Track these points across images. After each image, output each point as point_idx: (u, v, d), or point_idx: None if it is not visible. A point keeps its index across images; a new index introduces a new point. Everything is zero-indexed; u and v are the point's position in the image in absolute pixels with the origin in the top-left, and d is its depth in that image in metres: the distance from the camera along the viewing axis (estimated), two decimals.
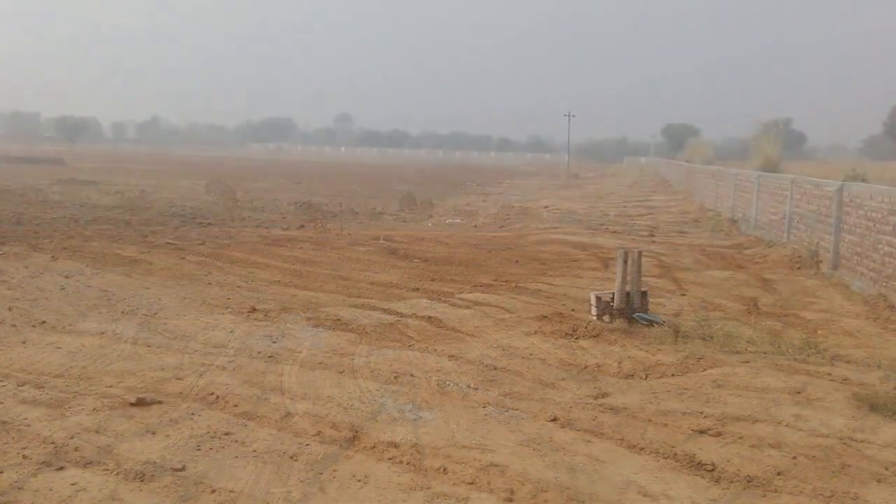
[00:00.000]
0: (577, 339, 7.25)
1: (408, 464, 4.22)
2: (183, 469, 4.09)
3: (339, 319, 7.81)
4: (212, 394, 5.26)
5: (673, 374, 6.18)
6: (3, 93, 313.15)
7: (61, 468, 4.06)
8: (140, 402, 5.00)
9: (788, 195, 14.61)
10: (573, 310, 8.62)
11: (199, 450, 4.36)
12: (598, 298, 7.75)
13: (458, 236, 16.29)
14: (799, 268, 12.26)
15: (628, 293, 7.68)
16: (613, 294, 7.72)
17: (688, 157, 46.83)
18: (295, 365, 6.15)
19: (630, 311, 7.66)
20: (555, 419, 4.93)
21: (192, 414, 4.90)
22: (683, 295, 9.87)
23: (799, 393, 5.55)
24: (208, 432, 4.61)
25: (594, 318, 7.73)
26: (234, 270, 10.82)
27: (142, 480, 3.95)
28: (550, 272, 11.66)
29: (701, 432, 4.74)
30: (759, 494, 3.98)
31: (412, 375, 5.93)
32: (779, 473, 4.19)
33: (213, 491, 3.87)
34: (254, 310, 8.18)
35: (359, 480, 4.03)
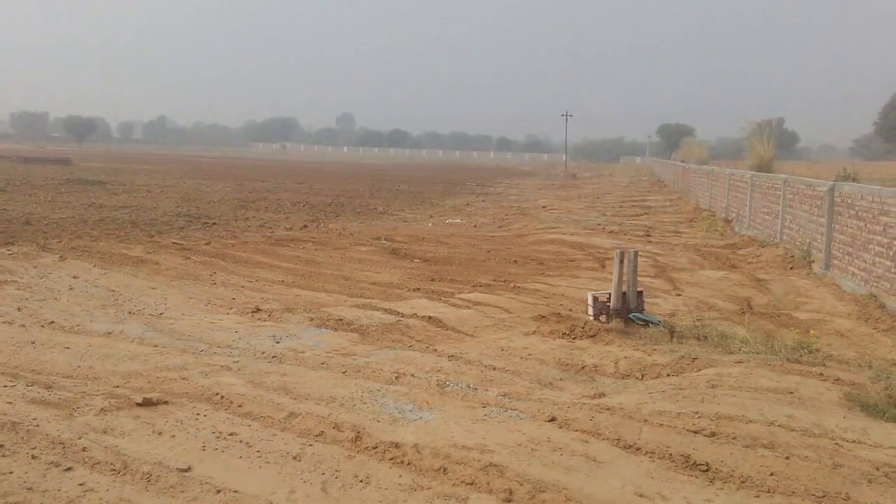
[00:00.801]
0: (574, 339, 7.34)
1: (409, 464, 4.30)
2: (188, 469, 4.16)
3: (341, 319, 7.91)
4: (217, 394, 5.33)
5: (668, 375, 6.26)
6: (12, 93, 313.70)
7: (69, 469, 4.11)
8: (146, 403, 5.07)
9: (781, 195, 14.70)
10: (571, 310, 8.71)
11: (204, 450, 4.43)
12: (595, 299, 7.84)
13: (458, 236, 16.39)
14: (791, 268, 12.35)
15: (624, 293, 7.76)
16: (610, 294, 7.81)
17: (683, 157, 46.89)
18: (298, 365, 6.24)
19: (626, 311, 7.75)
20: (553, 419, 5.00)
21: (198, 414, 4.97)
22: (679, 295, 9.97)
23: (791, 393, 5.62)
24: (213, 433, 4.68)
25: (591, 318, 7.81)
26: (238, 270, 10.93)
27: (148, 481, 4.01)
28: (548, 272, 11.77)
29: (696, 432, 4.81)
30: (752, 495, 4.04)
31: (413, 375, 6.01)
32: (772, 474, 4.25)
33: (218, 491, 3.93)
34: (258, 310, 8.28)
35: (361, 481, 4.10)
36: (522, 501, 3.91)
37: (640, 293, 7.92)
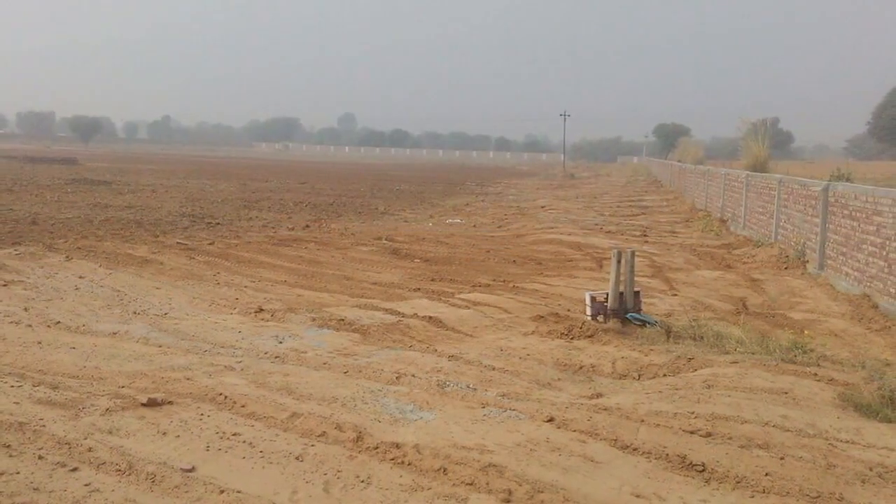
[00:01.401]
0: (572, 339, 7.40)
1: (409, 464, 4.35)
2: (192, 470, 4.21)
3: (342, 320, 7.97)
4: (220, 394, 5.39)
5: (665, 375, 6.33)
6: (19, 93, 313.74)
7: (75, 469, 4.15)
8: (151, 403, 5.13)
9: (776, 195, 14.77)
10: (569, 310, 8.78)
11: (208, 450, 4.48)
12: (593, 299, 7.90)
13: (458, 236, 16.47)
14: (786, 267, 12.42)
15: (622, 293, 7.83)
16: (608, 294, 7.88)
17: (679, 157, 47.05)
18: (300, 365, 6.31)
19: (623, 311, 7.82)
20: (551, 419, 5.06)
21: (202, 415, 5.02)
22: (675, 295, 10.03)
23: (786, 393, 5.69)
24: (217, 433, 4.73)
25: (589, 318, 7.88)
26: (241, 270, 11.00)
27: (153, 481, 4.06)
28: (547, 272, 11.84)
29: (692, 433, 4.87)
30: (747, 495, 4.10)
31: (413, 376, 6.07)
32: (767, 474, 4.30)
33: (222, 492, 3.98)
34: (260, 310, 8.35)
35: (362, 481, 4.16)
36: (521, 502, 3.97)
37: (637, 293, 7.99)
